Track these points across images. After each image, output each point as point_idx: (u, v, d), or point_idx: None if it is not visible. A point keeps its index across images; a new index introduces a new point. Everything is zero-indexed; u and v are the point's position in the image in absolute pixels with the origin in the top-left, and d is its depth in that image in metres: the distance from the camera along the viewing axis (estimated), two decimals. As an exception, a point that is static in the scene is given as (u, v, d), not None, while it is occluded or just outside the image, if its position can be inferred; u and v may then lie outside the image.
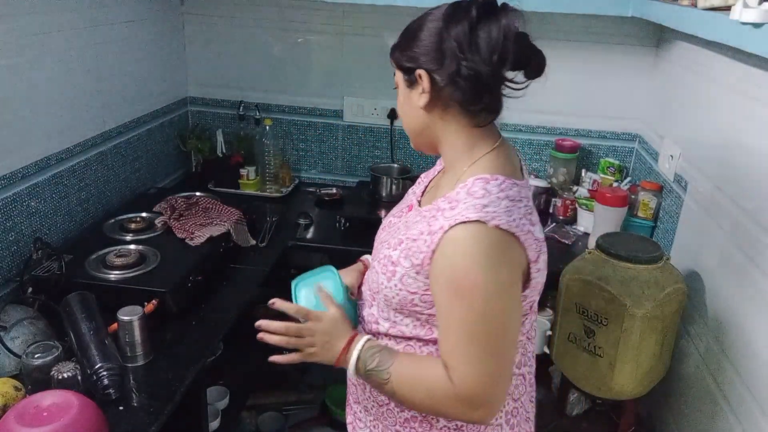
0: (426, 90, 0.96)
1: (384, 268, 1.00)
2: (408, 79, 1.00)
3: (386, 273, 1.00)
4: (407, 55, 0.98)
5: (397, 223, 1.10)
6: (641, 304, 1.47)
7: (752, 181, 1.35)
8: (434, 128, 1.01)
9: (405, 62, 0.99)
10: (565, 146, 2.25)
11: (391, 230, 1.10)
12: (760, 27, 1.12)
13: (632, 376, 1.54)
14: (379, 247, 1.09)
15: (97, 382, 1.20)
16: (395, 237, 1.03)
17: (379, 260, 1.02)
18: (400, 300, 0.99)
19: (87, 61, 1.80)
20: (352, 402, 1.18)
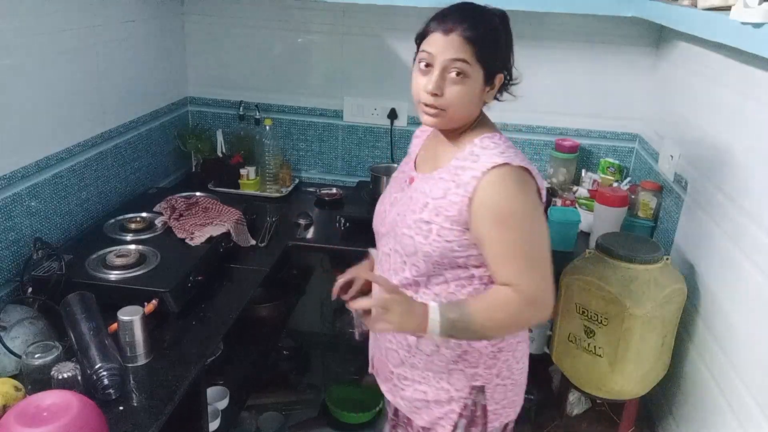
0: (497, 89, 1.19)
1: (418, 230, 1.17)
2: (487, 78, 1.15)
3: (421, 233, 1.17)
4: (496, 59, 1.15)
5: (404, 196, 1.25)
6: (641, 304, 1.47)
7: (752, 181, 1.35)
8: (472, 116, 1.19)
9: (494, 64, 1.15)
10: (565, 146, 2.25)
11: (403, 203, 1.24)
12: (760, 27, 1.12)
13: (632, 376, 1.54)
14: (399, 219, 1.22)
15: (97, 382, 1.20)
16: (415, 203, 1.19)
17: (409, 226, 1.18)
18: (440, 252, 1.16)
19: (87, 61, 1.80)
20: (392, 367, 1.32)
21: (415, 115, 2.34)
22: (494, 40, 1.14)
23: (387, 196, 1.33)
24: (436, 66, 1.12)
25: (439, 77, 1.12)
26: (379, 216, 1.32)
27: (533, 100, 2.32)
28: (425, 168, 1.26)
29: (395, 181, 1.35)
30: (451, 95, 1.12)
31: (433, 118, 1.16)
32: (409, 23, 1.30)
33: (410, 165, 1.33)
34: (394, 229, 1.23)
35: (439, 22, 1.13)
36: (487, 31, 1.13)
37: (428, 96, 1.13)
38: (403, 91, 2.34)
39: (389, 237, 1.25)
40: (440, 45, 1.11)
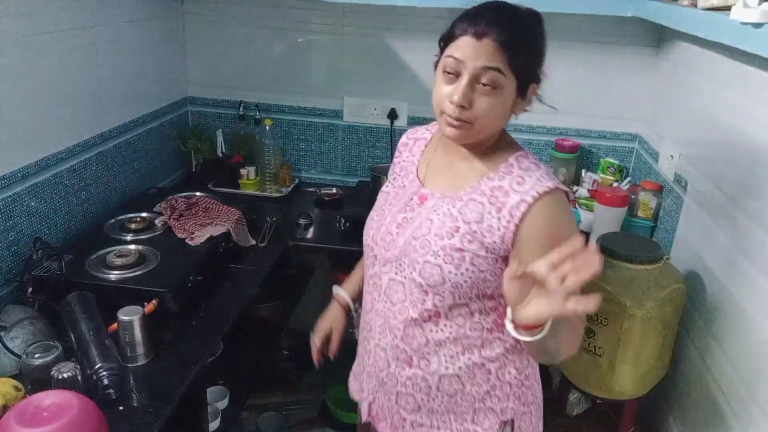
0: (530, 101, 1.08)
1: (448, 258, 1.04)
2: (520, 89, 1.03)
3: (452, 262, 1.04)
4: (531, 67, 1.04)
5: (418, 217, 1.10)
6: (641, 304, 1.47)
7: (752, 181, 1.35)
8: (498, 129, 1.09)
9: (528, 74, 1.04)
10: (565, 146, 2.25)
11: (417, 225, 1.09)
12: (760, 27, 1.12)
13: (632, 376, 1.54)
14: (417, 244, 1.07)
15: (97, 382, 1.20)
16: (440, 227, 1.06)
17: (435, 254, 1.04)
18: (472, 282, 1.05)
19: (87, 61, 1.80)
20: (405, 414, 1.18)
21: (416, 115, 2.36)
22: (530, 46, 1.03)
23: (387, 214, 1.16)
24: (465, 74, 0.99)
25: (468, 87, 0.99)
26: (380, 238, 1.15)
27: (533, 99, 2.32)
28: (439, 186, 1.12)
29: (394, 197, 1.19)
30: (480, 108, 1.00)
31: (457, 131, 1.03)
32: (409, 23, 1.30)
33: (413, 180, 1.17)
34: (409, 256, 1.08)
35: (469, 24, 0.99)
36: (523, 36, 1.01)
37: (454, 108, 1.00)
38: (403, 91, 2.34)
39: (400, 264, 1.10)
40: (470, 50, 0.99)
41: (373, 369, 1.20)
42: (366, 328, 1.21)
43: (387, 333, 1.14)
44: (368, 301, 1.20)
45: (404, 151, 1.24)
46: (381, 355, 1.17)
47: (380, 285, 1.15)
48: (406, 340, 1.12)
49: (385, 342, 1.15)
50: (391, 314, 1.13)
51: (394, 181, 1.22)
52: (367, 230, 1.20)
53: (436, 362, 1.11)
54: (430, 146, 1.20)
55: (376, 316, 1.16)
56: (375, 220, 1.18)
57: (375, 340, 1.17)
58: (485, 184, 1.06)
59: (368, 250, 1.19)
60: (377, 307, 1.16)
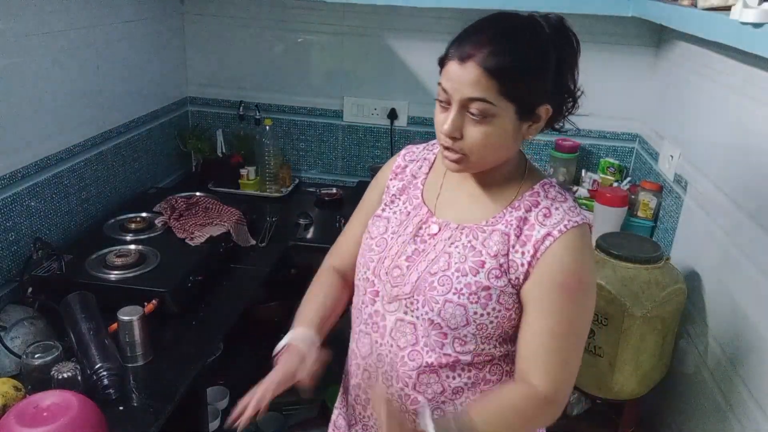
0: (544, 122, 0.95)
1: (475, 297, 0.93)
2: (522, 114, 0.91)
3: (479, 301, 0.94)
4: (532, 90, 0.90)
5: (432, 249, 0.99)
6: (641, 304, 1.47)
7: (752, 181, 1.35)
8: (508, 157, 0.98)
9: (530, 97, 0.91)
10: (565, 146, 2.25)
11: (432, 259, 0.98)
12: (760, 27, 1.12)
13: (632, 376, 1.54)
14: (435, 281, 0.96)
15: (97, 382, 1.20)
16: (462, 262, 0.95)
17: (459, 292, 0.94)
18: (497, 323, 0.95)
19: (87, 61, 1.80)
20: None
21: (416, 115, 2.36)
22: (528, 67, 0.89)
23: (392, 245, 1.03)
24: (453, 104, 0.90)
25: (457, 116, 0.90)
26: (385, 272, 1.02)
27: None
28: (454, 214, 1.01)
29: (397, 225, 1.05)
30: (472, 138, 0.91)
31: (455, 165, 0.94)
32: (409, 23, 1.29)
33: (419, 206, 1.05)
34: (424, 294, 0.96)
35: (457, 46, 0.90)
36: (517, 57, 0.88)
37: (446, 138, 0.93)
38: (403, 91, 2.34)
39: (412, 302, 0.98)
40: (455, 78, 0.89)
41: (373, 422, 1.08)
42: (362, 375, 1.07)
43: (393, 381, 1.01)
44: (365, 344, 1.05)
45: (401, 173, 1.11)
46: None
47: (383, 326, 1.02)
48: (419, 388, 1.00)
49: (391, 391, 1.02)
50: (399, 360, 1.00)
51: (392, 206, 1.08)
52: (365, 262, 1.05)
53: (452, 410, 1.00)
54: (437, 170, 1.08)
55: (379, 362, 1.02)
56: (376, 250, 1.04)
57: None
58: (510, 215, 0.96)
59: (366, 284, 1.04)
60: (380, 351, 1.02)
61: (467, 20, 0.96)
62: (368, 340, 1.04)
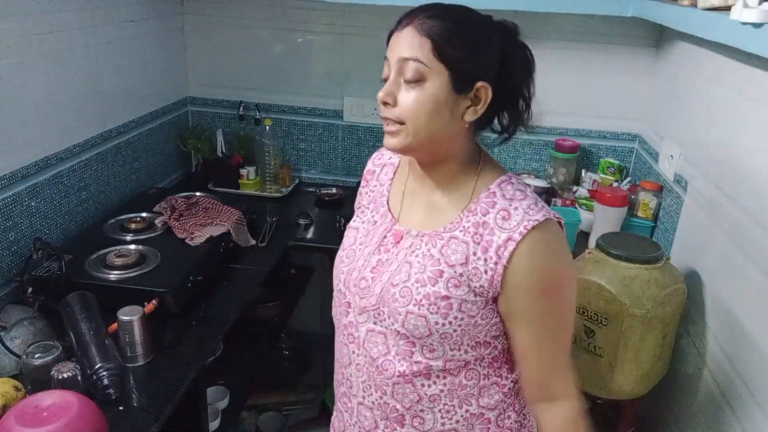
0: (483, 105, 0.91)
1: (434, 308, 0.91)
2: (457, 83, 0.88)
3: (439, 312, 0.91)
4: (469, 58, 0.88)
5: (394, 259, 0.98)
6: (641, 304, 1.47)
7: (752, 181, 1.35)
8: (453, 140, 0.94)
9: (466, 65, 0.88)
10: (565, 146, 2.25)
11: (395, 268, 0.97)
12: (760, 27, 1.12)
13: (632, 376, 1.54)
14: (396, 292, 0.94)
15: (97, 382, 1.20)
16: (420, 271, 0.94)
17: (419, 303, 0.92)
18: (462, 330, 0.93)
19: (87, 61, 1.80)
20: None
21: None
22: (465, 34, 0.88)
23: (359, 256, 1.02)
24: (391, 71, 0.90)
25: (392, 82, 0.89)
26: (353, 284, 1.01)
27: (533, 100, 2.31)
28: (415, 221, 0.99)
29: (364, 235, 1.04)
30: (404, 103, 0.89)
31: (393, 139, 0.91)
32: (409, 23, 1.29)
33: (385, 215, 1.03)
34: (388, 306, 0.95)
35: (400, 19, 0.91)
36: (453, 24, 0.87)
37: (382, 108, 0.91)
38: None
39: (379, 313, 0.97)
40: (395, 45, 0.90)
41: (357, 429, 1.07)
42: (346, 384, 1.06)
43: (372, 390, 1.01)
44: (345, 354, 1.04)
45: (371, 179, 1.11)
46: (367, 415, 1.03)
47: (358, 336, 1.01)
48: (396, 396, 0.99)
49: (371, 401, 1.02)
50: (374, 369, 0.99)
51: (362, 215, 1.07)
52: (338, 274, 1.05)
53: (431, 419, 1.00)
54: (400, 174, 1.06)
55: (357, 372, 1.02)
56: (345, 262, 1.03)
57: (358, 398, 1.04)
58: (467, 219, 0.93)
59: (340, 295, 1.04)
60: (357, 361, 1.01)
61: None
62: (346, 351, 1.04)
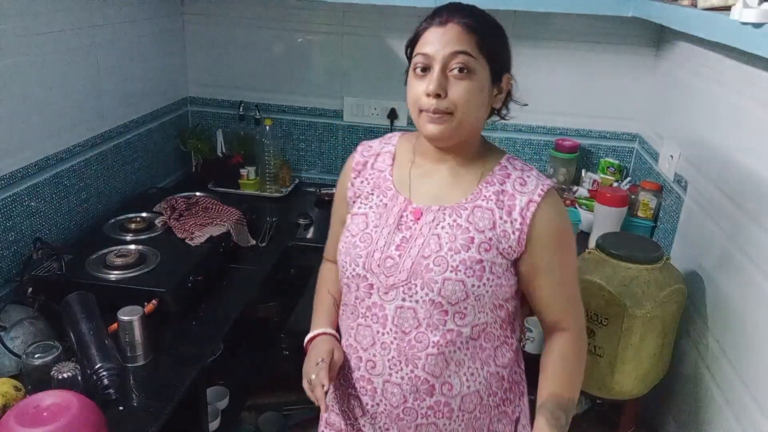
0: (505, 93, 1.06)
1: (470, 272, 1.01)
2: (494, 74, 1.02)
3: (475, 275, 1.01)
4: (502, 53, 1.04)
5: (419, 235, 1.05)
6: (641, 304, 1.47)
7: (752, 181, 1.35)
8: (481, 125, 1.08)
9: (500, 59, 1.03)
10: (565, 146, 2.25)
11: (421, 243, 1.04)
12: (760, 27, 1.12)
13: (632, 376, 1.54)
14: (430, 262, 1.02)
15: (97, 382, 1.20)
16: (453, 240, 1.02)
17: (455, 269, 1.01)
18: (492, 292, 1.03)
19: (87, 61, 1.80)
20: None
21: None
22: (496, 31, 1.03)
23: (378, 238, 1.07)
24: (436, 65, 0.98)
25: (441, 75, 0.98)
26: (377, 265, 1.06)
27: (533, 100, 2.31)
28: (429, 198, 1.07)
29: (377, 218, 1.10)
30: (457, 94, 0.98)
31: (439, 126, 0.99)
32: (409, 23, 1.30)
33: (395, 196, 1.10)
34: (422, 277, 1.02)
35: (432, 18, 1.01)
36: (487, 21, 1.02)
37: (430, 100, 0.98)
38: (402, 91, 2.32)
39: (410, 287, 1.03)
40: (437, 40, 0.98)
41: (382, 408, 1.10)
42: (365, 366, 1.10)
43: (402, 366, 1.06)
44: (366, 335, 1.08)
45: (363, 170, 1.15)
46: (395, 391, 1.07)
47: (384, 315, 1.06)
48: (428, 368, 1.05)
49: (399, 376, 1.06)
50: (406, 344, 1.05)
51: (368, 201, 1.12)
52: (354, 258, 1.08)
53: (458, 384, 1.07)
54: (402, 159, 1.14)
55: (383, 350, 1.06)
56: (361, 246, 1.08)
57: (383, 376, 1.07)
58: (486, 190, 1.05)
59: (359, 280, 1.08)
60: (383, 340, 1.06)
61: None
62: (369, 332, 1.08)
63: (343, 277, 1.11)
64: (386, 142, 1.18)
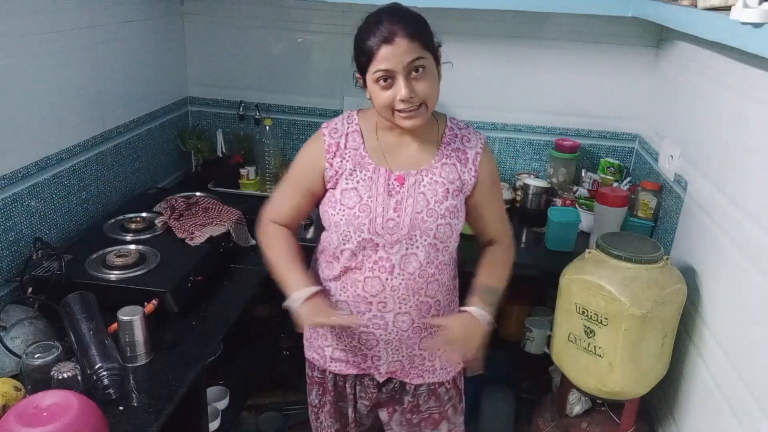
0: (441, 62, 1.26)
1: (453, 215, 1.30)
2: (435, 57, 1.23)
3: (456, 216, 1.31)
4: (431, 38, 1.23)
5: (407, 195, 1.28)
6: (641, 304, 1.47)
7: (752, 181, 1.35)
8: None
9: (434, 43, 1.23)
10: (565, 146, 2.25)
11: (413, 200, 1.28)
12: (760, 27, 1.12)
13: (632, 376, 1.54)
14: (424, 215, 1.27)
15: (97, 382, 1.20)
16: (435, 194, 1.29)
17: (443, 215, 1.28)
18: (460, 225, 1.34)
19: (87, 61, 1.80)
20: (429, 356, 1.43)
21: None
22: (425, 24, 1.22)
23: (376, 205, 1.28)
24: (398, 75, 1.18)
25: (407, 83, 1.18)
26: (381, 227, 1.27)
27: (533, 100, 2.32)
28: (405, 165, 1.30)
29: (368, 189, 1.29)
30: (423, 90, 1.19)
31: (415, 119, 1.22)
32: (409, 23, 1.29)
33: (376, 169, 1.29)
34: (420, 228, 1.28)
35: (375, 36, 1.18)
36: (416, 19, 1.21)
37: (404, 103, 1.19)
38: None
39: (412, 238, 1.28)
40: (392, 55, 1.16)
41: (394, 335, 1.36)
42: (376, 308, 1.33)
43: (410, 298, 1.32)
44: (375, 285, 1.31)
45: (339, 150, 1.32)
46: (404, 319, 1.34)
47: (391, 265, 1.29)
48: (428, 293, 1.33)
49: (408, 306, 1.33)
50: (411, 281, 1.30)
51: (353, 177, 1.30)
52: (358, 227, 1.28)
53: (442, 299, 1.38)
54: (369, 136, 1.33)
55: (393, 292, 1.30)
56: (362, 216, 1.28)
57: (394, 311, 1.33)
58: (445, 149, 1.32)
59: (365, 243, 1.29)
60: (392, 284, 1.30)
61: (467, 19, 0.99)
62: (378, 281, 1.30)
63: (346, 243, 1.30)
64: (348, 122, 1.35)
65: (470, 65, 2.24)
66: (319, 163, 1.32)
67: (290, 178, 1.39)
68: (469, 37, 2.22)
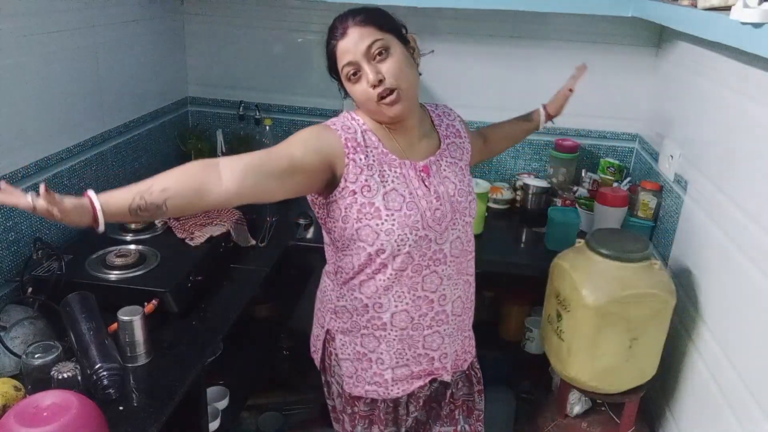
0: (418, 50, 1.26)
1: (473, 189, 1.37)
2: (403, 40, 1.21)
3: (473, 188, 1.38)
4: (398, 24, 1.23)
5: (438, 183, 1.28)
6: (596, 297, 1.46)
7: (752, 181, 1.35)
8: (418, 86, 1.25)
9: (398, 27, 1.22)
10: (565, 146, 2.25)
11: (445, 187, 1.29)
12: (760, 27, 1.12)
13: (587, 366, 1.54)
14: (460, 198, 1.30)
15: (97, 382, 1.20)
16: (457, 177, 1.32)
17: (470, 192, 1.33)
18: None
19: (87, 61, 1.80)
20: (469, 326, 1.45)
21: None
22: (382, 12, 1.22)
23: (419, 200, 1.24)
24: (362, 63, 1.16)
25: (371, 67, 1.16)
26: (431, 219, 1.24)
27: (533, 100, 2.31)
28: (422, 155, 1.30)
29: (406, 186, 1.24)
30: (391, 70, 1.16)
31: (397, 105, 1.18)
32: (409, 23, 1.30)
33: (402, 164, 1.24)
34: (459, 210, 1.30)
35: (333, 35, 1.20)
36: (370, 10, 1.20)
37: (376, 89, 1.16)
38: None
39: (455, 222, 1.29)
40: (351, 46, 1.16)
41: (452, 324, 1.35)
42: (438, 303, 1.31)
43: (460, 281, 1.34)
44: (434, 279, 1.28)
45: (359, 148, 1.20)
46: (457, 303, 1.35)
47: (444, 254, 1.28)
48: (469, 270, 1.37)
49: (461, 290, 1.34)
50: (459, 264, 1.32)
51: (386, 177, 1.22)
52: (412, 227, 1.21)
53: (473, 268, 1.40)
54: (379, 134, 1.26)
55: (449, 281, 1.30)
56: (412, 214, 1.22)
57: (452, 299, 1.33)
58: (441, 130, 1.36)
59: (421, 241, 1.23)
60: (447, 273, 1.29)
61: (467, 19, 0.98)
62: (435, 276, 1.28)
63: (401, 248, 1.22)
64: (354, 120, 1.26)
65: (470, 65, 2.24)
66: (335, 153, 1.18)
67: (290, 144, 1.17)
68: (469, 37, 2.22)
